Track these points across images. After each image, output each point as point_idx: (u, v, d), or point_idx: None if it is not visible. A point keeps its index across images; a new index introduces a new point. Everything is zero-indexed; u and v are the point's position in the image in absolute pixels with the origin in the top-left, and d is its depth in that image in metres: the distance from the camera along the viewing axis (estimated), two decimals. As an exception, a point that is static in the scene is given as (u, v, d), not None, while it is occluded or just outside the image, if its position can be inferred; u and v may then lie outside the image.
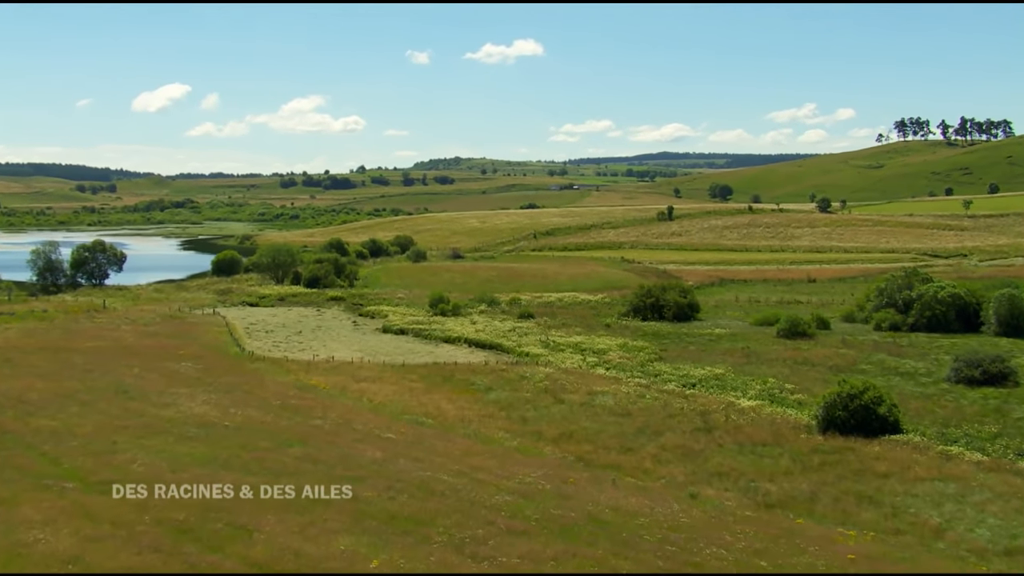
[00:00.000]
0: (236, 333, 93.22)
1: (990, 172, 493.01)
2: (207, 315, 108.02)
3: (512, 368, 75.39)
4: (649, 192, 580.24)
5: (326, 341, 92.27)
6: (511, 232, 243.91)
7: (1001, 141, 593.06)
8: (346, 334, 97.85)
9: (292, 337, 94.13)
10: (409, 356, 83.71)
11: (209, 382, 64.10)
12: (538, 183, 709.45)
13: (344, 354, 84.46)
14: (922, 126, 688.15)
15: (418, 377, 71.78)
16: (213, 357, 76.32)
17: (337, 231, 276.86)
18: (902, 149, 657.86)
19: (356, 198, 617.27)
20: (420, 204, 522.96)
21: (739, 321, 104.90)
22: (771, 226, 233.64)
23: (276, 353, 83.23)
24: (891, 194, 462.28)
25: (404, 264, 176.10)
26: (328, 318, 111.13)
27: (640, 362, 77.74)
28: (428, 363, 78.94)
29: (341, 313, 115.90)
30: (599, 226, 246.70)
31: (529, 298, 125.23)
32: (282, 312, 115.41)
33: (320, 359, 79.81)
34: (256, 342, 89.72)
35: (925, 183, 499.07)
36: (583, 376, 72.17)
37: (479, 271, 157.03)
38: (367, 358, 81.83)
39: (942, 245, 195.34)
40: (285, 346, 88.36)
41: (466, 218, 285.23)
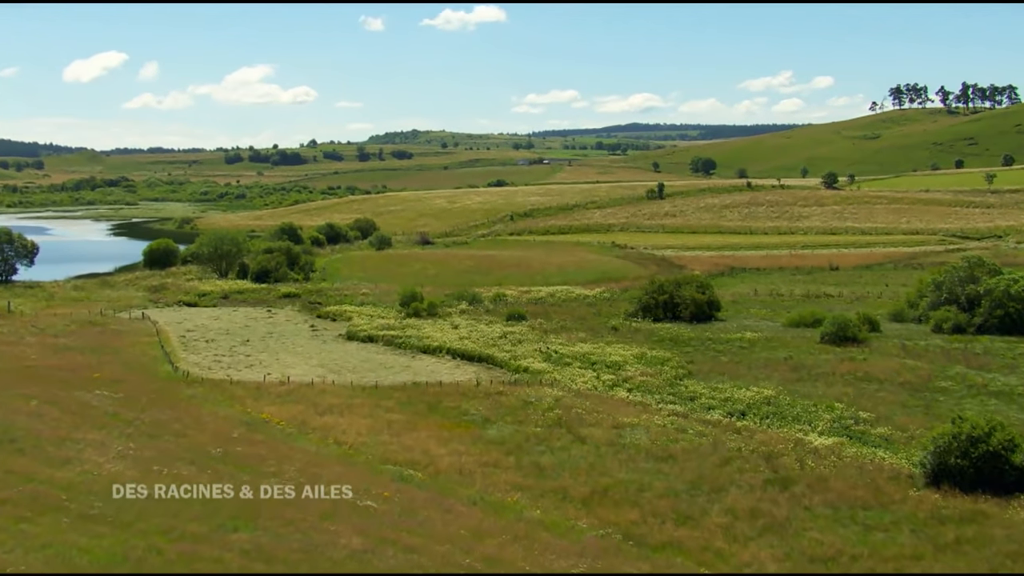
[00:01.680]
0: (169, 345, 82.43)
1: (998, 142, 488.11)
2: (135, 320, 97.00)
3: (511, 390, 65.44)
4: (625, 167, 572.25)
5: (279, 353, 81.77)
6: (484, 214, 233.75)
7: (1007, 108, 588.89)
8: (303, 343, 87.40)
9: (238, 348, 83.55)
10: (382, 373, 73.49)
11: (129, 420, 53.43)
12: (504, 157, 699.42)
13: (302, 370, 74.14)
14: (919, 93, 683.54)
15: (396, 404, 61.62)
16: (138, 381, 65.57)
17: (288, 214, 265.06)
18: (899, 118, 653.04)
19: (308, 175, 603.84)
20: (377, 181, 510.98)
21: (768, 321, 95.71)
22: (775, 204, 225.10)
23: (218, 372, 72.67)
24: (889, 167, 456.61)
25: (367, 252, 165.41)
26: (281, 321, 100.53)
27: (667, 380, 68.09)
28: (406, 383, 68.85)
29: (296, 314, 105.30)
30: (582, 206, 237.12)
31: (515, 293, 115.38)
32: (226, 314, 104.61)
33: (273, 379, 69.38)
34: (194, 356, 79.03)
35: (927, 155, 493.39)
36: (601, 401, 62.36)
37: (453, 260, 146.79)
38: (330, 377, 71.55)
39: (971, 225, 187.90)
40: (229, 361, 77.79)
41: (433, 198, 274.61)
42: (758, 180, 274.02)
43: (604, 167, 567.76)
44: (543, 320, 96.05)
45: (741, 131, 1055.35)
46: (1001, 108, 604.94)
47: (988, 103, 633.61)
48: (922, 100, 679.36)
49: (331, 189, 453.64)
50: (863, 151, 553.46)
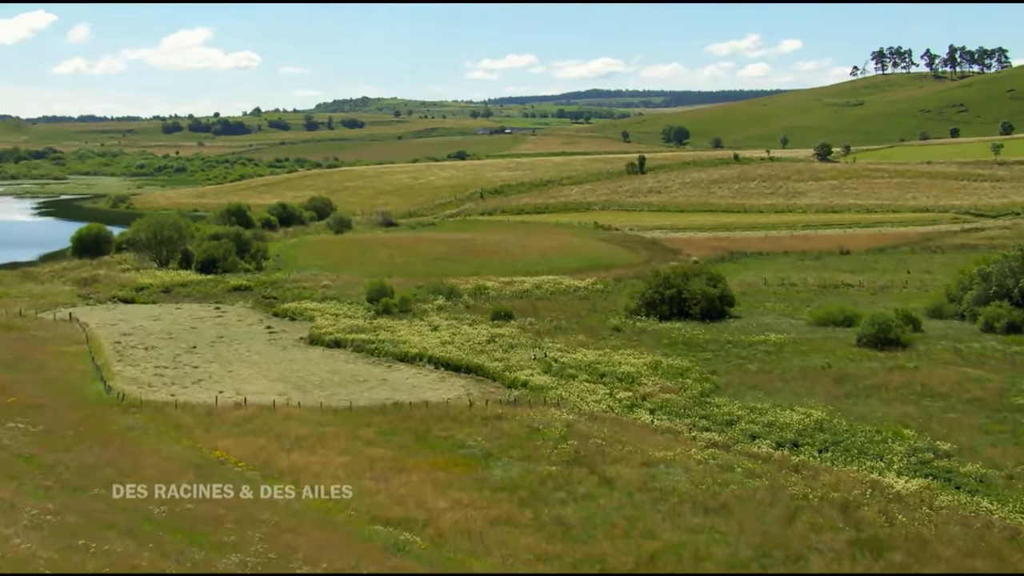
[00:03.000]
0: (101, 355, 74.42)
1: (990, 108, 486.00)
2: (61, 322, 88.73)
3: (511, 412, 58.38)
4: (592, 136, 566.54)
5: (232, 363, 74.08)
6: (451, 191, 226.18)
7: (998, 73, 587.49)
8: (259, 348, 79.73)
9: (183, 357, 75.74)
10: (354, 389, 66.16)
11: (49, 466, 45.78)
12: (462, 127, 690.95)
13: (260, 386, 66.71)
14: (904, 57, 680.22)
15: (377, 434, 54.35)
16: (62, 407, 57.72)
17: (235, 190, 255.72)
18: (883, 84, 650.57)
19: (252, 145, 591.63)
20: (328, 152, 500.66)
21: (788, 318, 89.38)
22: (767, 179, 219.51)
23: (160, 390, 65.01)
24: (876, 136, 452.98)
25: (325, 236, 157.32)
26: (232, 321, 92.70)
27: (692, 397, 61.38)
28: (385, 403, 61.67)
29: (249, 312, 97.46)
30: (557, 182, 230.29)
31: (496, 285, 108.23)
32: (168, 312, 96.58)
33: (227, 400, 61.84)
34: (131, 369, 71.19)
35: (915, 123, 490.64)
36: (621, 427, 55.50)
37: (423, 246, 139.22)
38: (294, 395, 64.17)
39: (984, 200, 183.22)
40: (173, 374, 70.05)
41: (393, 173, 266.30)
42: (746, 152, 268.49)
43: (570, 137, 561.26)
44: (533, 319, 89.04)
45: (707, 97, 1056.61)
46: (991, 72, 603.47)
47: (977, 67, 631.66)
48: (906, 64, 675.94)
49: (279, 161, 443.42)
50: (846, 119, 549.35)
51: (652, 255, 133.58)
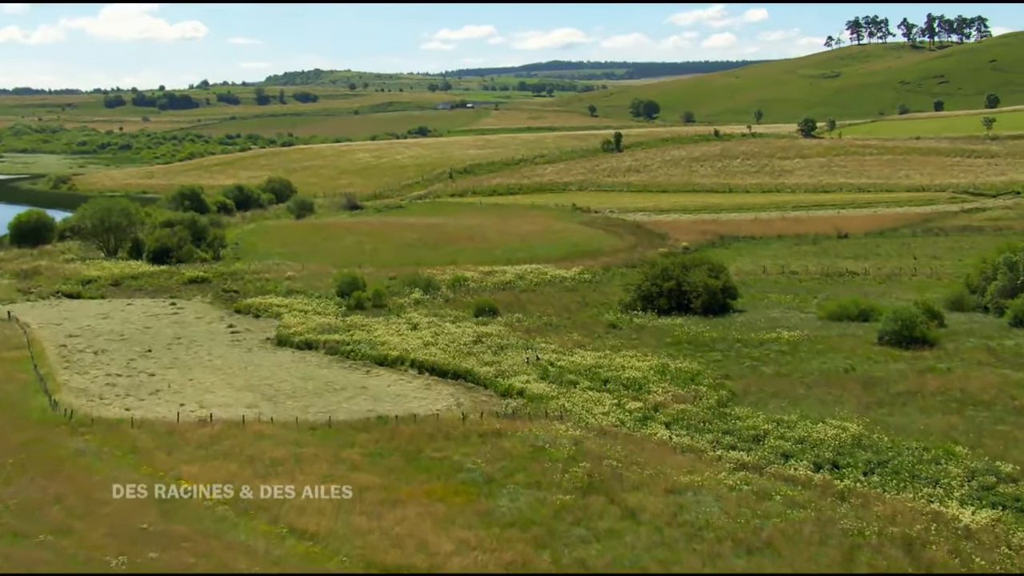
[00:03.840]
0: (45, 362, 69.37)
1: (971, 80, 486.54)
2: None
3: (510, 427, 54.16)
4: (558, 110, 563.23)
5: (193, 369, 69.34)
6: (417, 170, 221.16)
7: (978, 43, 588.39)
8: (222, 352, 74.99)
9: (138, 363, 70.92)
10: (332, 400, 61.74)
11: (-14, 507, 41.00)
12: (421, 100, 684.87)
13: (225, 397, 62.21)
14: (880, 26, 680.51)
15: (362, 455, 49.93)
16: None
17: (185, 170, 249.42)
18: (859, 55, 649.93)
19: (201, 120, 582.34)
20: (281, 128, 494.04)
21: (797, 312, 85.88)
22: (751, 157, 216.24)
23: (114, 404, 60.30)
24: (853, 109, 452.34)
25: (286, 221, 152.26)
26: (190, 319, 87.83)
27: (710, 408, 57.41)
28: (367, 417, 57.36)
29: (208, 308, 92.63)
30: (530, 161, 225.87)
31: (476, 275, 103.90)
32: (119, 309, 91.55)
33: (189, 415, 57.25)
34: (79, 378, 66.33)
35: (894, 95, 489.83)
36: (636, 445, 51.40)
37: (393, 232, 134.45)
38: (265, 407, 59.68)
39: (982, 179, 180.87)
40: (127, 384, 65.26)
41: (355, 151, 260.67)
42: (726, 128, 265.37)
43: (535, 111, 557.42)
44: (521, 315, 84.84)
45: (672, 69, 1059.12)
46: (971, 43, 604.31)
47: (956, 37, 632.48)
48: (883, 34, 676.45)
49: (229, 138, 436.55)
50: (822, 91, 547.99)
51: (638, 240, 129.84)
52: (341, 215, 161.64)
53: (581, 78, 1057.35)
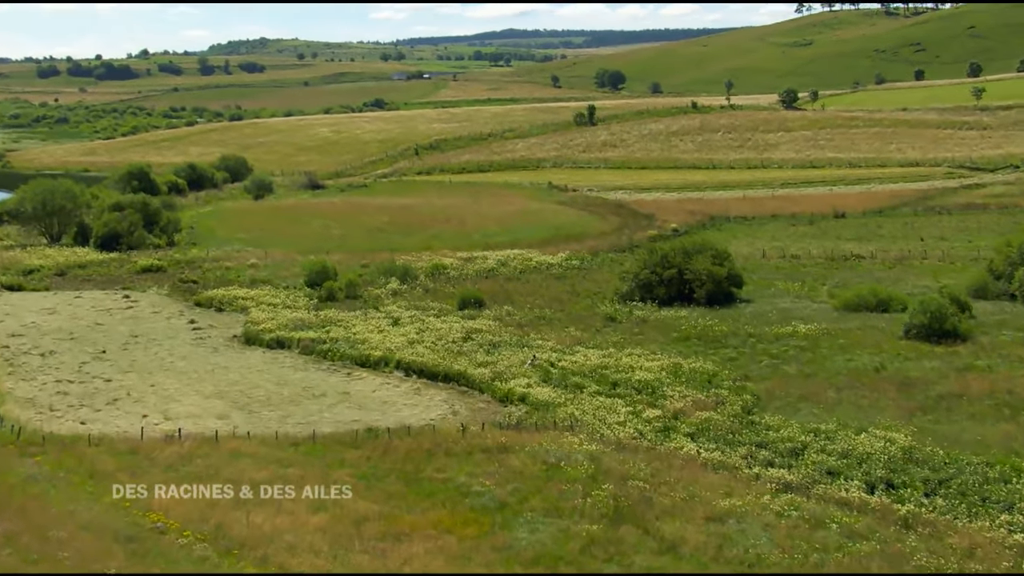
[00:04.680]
0: (-12, 368, 64.68)
1: (949, 47, 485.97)
2: (-64, 320, 78.52)
3: (517, 440, 50.30)
4: (520, 81, 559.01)
5: (154, 374, 64.84)
6: (380, 146, 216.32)
7: (955, 9, 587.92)
8: (185, 352, 70.52)
9: (91, 366, 66.37)
10: (312, 409, 57.65)
11: (-71, 552, 36.58)
12: (374, 71, 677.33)
13: (193, 406, 57.97)
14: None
15: (355, 477, 45.82)
16: (-58, 450, 48.27)
17: (130, 146, 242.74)
18: (831, 22, 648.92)
19: (141, 92, 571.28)
20: (228, 100, 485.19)
21: (808, 301, 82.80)
22: (732, 130, 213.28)
23: (67, 417, 55.86)
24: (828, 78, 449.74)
25: (244, 203, 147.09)
26: (146, 313, 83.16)
27: (735, 415, 53.86)
28: (354, 428, 53.36)
29: (165, 301, 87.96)
30: (499, 135, 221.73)
31: (455, 262, 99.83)
32: (66, 303, 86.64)
33: (154, 429, 52.93)
34: (25, 385, 61.75)
35: (869, 63, 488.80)
36: (660, 460, 47.67)
37: (361, 214, 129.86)
38: (238, 418, 55.55)
39: (977, 152, 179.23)
40: (80, 392, 60.74)
41: (312, 126, 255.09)
42: (703, 99, 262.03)
43: (495, 82, 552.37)
44: (510, 307, 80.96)
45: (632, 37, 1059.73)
46: (947, 9, 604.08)
47: (930, 3, 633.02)
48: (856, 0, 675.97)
49: (174, 110, 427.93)
50: (794, 60, 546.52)
51: (623, 222, 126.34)
52: (303, 195, 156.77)
53: (538, 47, 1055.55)
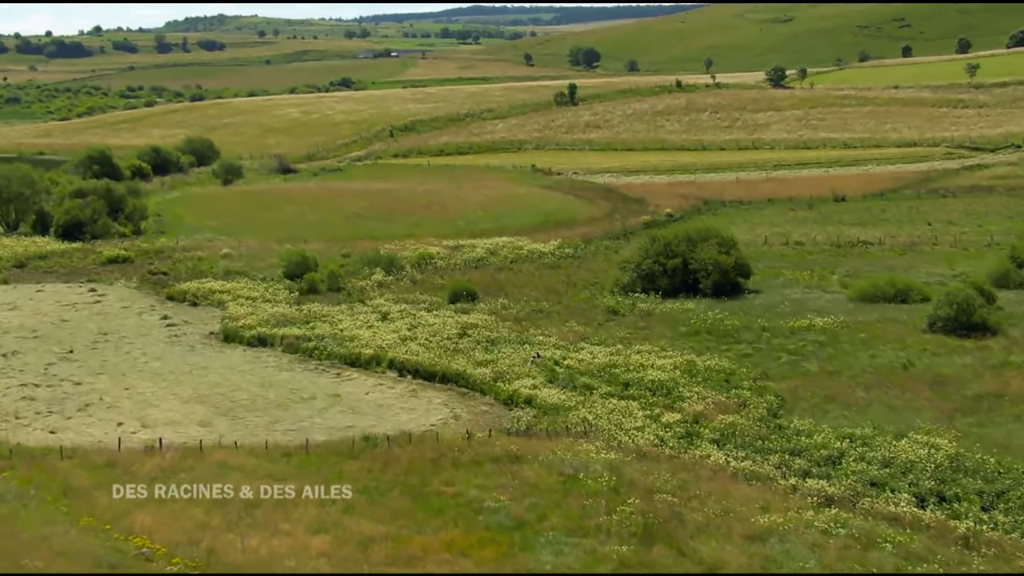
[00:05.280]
0: (-53, 371, 61.57)
1: (934, 23, 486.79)
2: None
3: (528, 448, 47.83)
4: (491, 59, 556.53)
5: (128, 376, 61.92)
6: (353, 127, 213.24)
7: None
8: (160, 352, 67.61)
9: (58, 368, 63.42)
10: (302, 414, 54.95)
11: None
12: (339, 49, 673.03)
13: (172, 412, 55.16)
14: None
15: (356, 492, 43.10)
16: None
17: (88, 127, 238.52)
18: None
19: (96, 70, 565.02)
20: (187, 79, 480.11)
21: (820, 291, 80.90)
22: (719, 109, 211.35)
23: (34, 425, 52.99)
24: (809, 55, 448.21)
25: (212, 188, 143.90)
26: (115, 309, 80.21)
27: (761, 418, 51.63)
28: (350, 436, 50.89)
29: (135, 295, 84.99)
30: (477, 116, 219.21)
31: (442, 251, 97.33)
32: (27, 298, 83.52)
33: (132, 438, 50.05)
34: (-12, 390, 58.67)
35: (851, 39, 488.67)
36: (686, 470, 45.28)
37: (338, 199, 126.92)
38: (221, 425, 52.86)
39: (977, 131, 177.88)
40: (48, 398, 57.79)
41: (280, 106, 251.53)
42: (688, 78, 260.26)
43: (466, 60, 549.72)
44: (505, 300, 78.44)
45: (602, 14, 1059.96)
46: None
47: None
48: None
49: (131, 90, 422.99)
50: (775, 37, 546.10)
51: (614, 207, 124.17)
52: (274, 180, 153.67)
53: (506, 24, 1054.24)
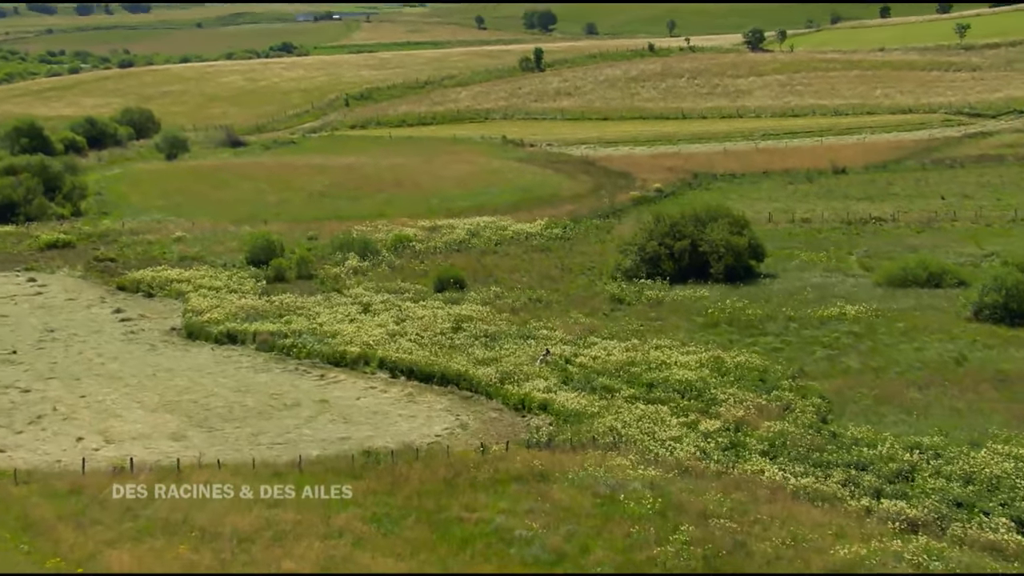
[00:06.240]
0: None
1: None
2: None
3: (553, 463, 44.26)
4: (439, 23, 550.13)
5: (83, 380, 57.66)
6: (304, 96, 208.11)
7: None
8: (116, 351, 63.42)
9: (1, 373, 58.89)
10: (288, 424, 51.09)
11: None
12: (276, 11, 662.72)
13: (138, 423, 51.18)
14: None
15: (365, 522, 39.33)
16: None
17: (9, 97, 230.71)
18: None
19: (10, 34, 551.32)
20: (113, 43, 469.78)
21: (841, 274, 78.78)
22: (697, 75, 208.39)
23: (-19, 442, 48.59)
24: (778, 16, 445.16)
25: (158, 164, 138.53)
26: (59, 301, 75.81)
27: (810, 424, 48.25)
28: (344, 448, 47.24)
29: (81, 285, 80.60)
30: (438, 83, 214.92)
31: (419, 232, 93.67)
32: (-41, 290, 78.82)
33: (94, 457, 45.85)
34: (-75, 401, 54.22)
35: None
36: (737, 488, 41.81)
37: (297, 176, 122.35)
38: (199, 440, 48.96)
39: (975, 96, 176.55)
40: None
41: (223, 73, 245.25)
42: (660, 41, 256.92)
43: (413, 24, 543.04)
44: (498, 288, 74.88)
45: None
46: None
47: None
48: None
49: (52, 55, 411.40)
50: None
51: (598, 182, 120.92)
52: (223, 154, 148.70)
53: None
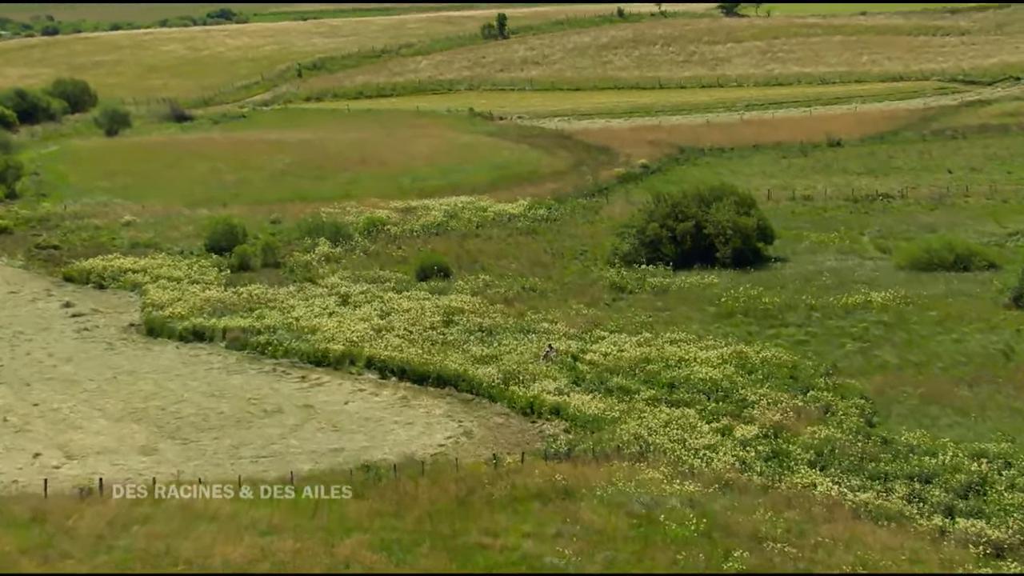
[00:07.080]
0: None
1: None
2: None
3: (576, 477, 41.57)
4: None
5: (34, 386, 54.23)
6: (251, 66, 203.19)
7: None
8: (68, 351, 60.02)
9: (-57, 379, 55.47)
10: (271, 434, 48.14)
11: None
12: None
13: (102, 436, 48.07)
14: None
15: (373, 550, 36.24)
16: None
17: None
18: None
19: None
20: (35, 10, 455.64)
21: (857, 257, 77.37)
22: (671, 41, 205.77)
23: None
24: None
25: (98, 141, 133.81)
26: (1, 293, 71.99)
27: (857, 428, 45.76)
28: (339, 461, 44.32)
29: (24, 277, 76.98)
30: (395, 52, 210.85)
31: (391, 215, 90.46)
32: None
33: (55, 477, 42.57)
34: None
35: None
36: (788, 505, 39.27)
37: (254, 153, 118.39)
38: (172, 454, 46.02)
39: (968, 62, 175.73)
40: (-63, 419, 49.92)
41: (162, 41, 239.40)
42: (629, 6, 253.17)
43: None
44: (486, 276, 71.84)
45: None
46: None
47: None
48: None
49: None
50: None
51: (578, 158, 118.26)
52: (169, 129, 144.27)
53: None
